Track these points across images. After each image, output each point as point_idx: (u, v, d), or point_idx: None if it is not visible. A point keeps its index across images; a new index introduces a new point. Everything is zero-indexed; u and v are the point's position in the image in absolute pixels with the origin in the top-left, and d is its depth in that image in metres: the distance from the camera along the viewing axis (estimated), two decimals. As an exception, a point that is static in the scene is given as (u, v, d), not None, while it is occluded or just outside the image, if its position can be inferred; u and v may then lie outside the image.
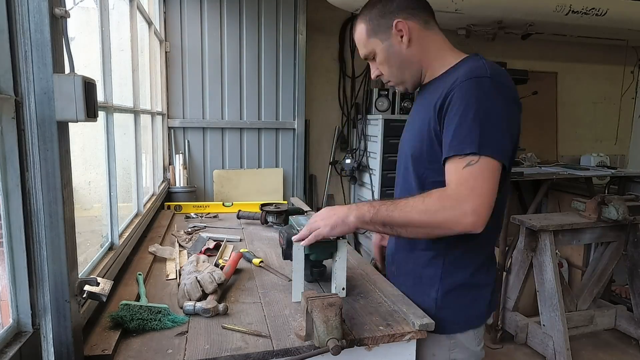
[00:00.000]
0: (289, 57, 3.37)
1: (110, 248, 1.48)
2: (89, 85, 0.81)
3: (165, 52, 3.10)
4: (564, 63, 4.39)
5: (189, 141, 3.25)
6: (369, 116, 3.63)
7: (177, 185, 3.11)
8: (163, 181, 3.05)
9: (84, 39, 1.63)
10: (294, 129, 3.44)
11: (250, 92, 3.32)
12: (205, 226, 2.04)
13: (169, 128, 3.18)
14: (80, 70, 0.85)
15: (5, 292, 0.85)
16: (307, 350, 0.96)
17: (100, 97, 1.50)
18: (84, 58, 1.56)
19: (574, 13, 3.19)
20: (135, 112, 2.09)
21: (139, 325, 1.03)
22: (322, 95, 3.74)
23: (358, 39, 1.22)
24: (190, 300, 1.15)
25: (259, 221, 2.07)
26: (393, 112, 3.53)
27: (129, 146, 2.08)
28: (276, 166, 3.45)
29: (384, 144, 3.42)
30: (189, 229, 1.97)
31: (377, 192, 3.50)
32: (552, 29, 3.57)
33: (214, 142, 3.30)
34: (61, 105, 0.78)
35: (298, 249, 1.17)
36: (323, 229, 1.13)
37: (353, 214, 1.10)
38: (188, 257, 1.56)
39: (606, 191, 3.81)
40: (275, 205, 2.10)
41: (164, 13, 3.07)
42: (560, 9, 3.15)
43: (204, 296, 1.17)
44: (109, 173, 1.57)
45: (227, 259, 1.46)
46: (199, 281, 1.19)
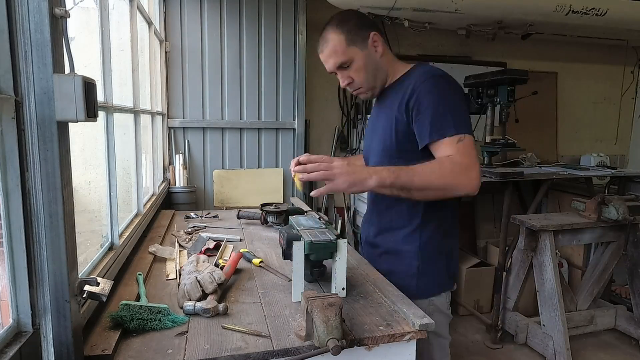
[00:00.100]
0: (289, 57, 3.37)
1: (110, 248, 1.48)
2: (89, 85, 0.81)
3: (165, 52, 3.10)
4: (564, 63, 4.39)
5: (189, 141, 3.25)
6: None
7: (177, 185, 3.12)
8: (163, 181, 3.05)
9: (84, 39, 1.63)
10: (294, 129, 3.44)
11: (250, 92, 3.32)
12: (205, 226, 2.04)
13: (169, 128, 3.18)
14: (80, 70, 0.85)
15: (5, 292, 0.85)
16: (307, 350, 0.96)
17: (100, 97, 1.51)
18: (84, 58, 1.56)
19: (574, 13, 3.19)
20: (135, 112, 2.09)
21: (139, 325, 1.03)
22: (322, 95, 3.74)
23: (334, 50, 1.32)
24: (190, 300, 1.15)
25: (259, 221, 2.07)
26: (393, 112, 3.53)
27: (129, 146, 2.08)
28: (276, 166, 3.45)
29: (384, 144, 3.41)
30: (189, 229, 1.97)
31: (377, 192, 3.49)
32: (552, 29, 3.56)
33: (214, 142, 3.30)
34: (61, 105, 0.78)
35: (298, 249, 1.18)
36: (342, 184, 1.15)
37: (374, 179, 1.16)
38: (188, 257, 1.56)
39: (606, 191, 3.80)
40: (275, 205, 2.10)
41: (164, 13, 3.07)
42: (560, 9, 3.15)
43: (204, 296, 1.16)
44: (109, 173, 1.57)
45: (227, 259, 1.46)
46: (199, 281, 1.18)
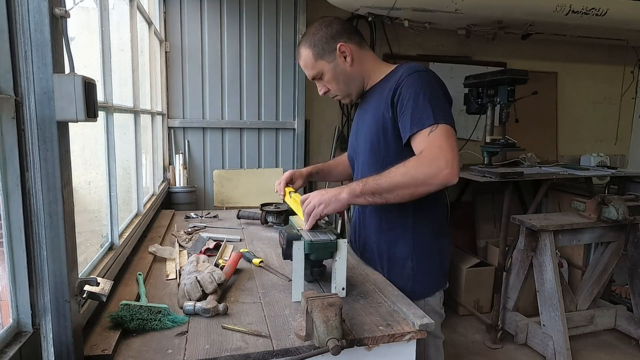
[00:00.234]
0: (289, 57, 3.36)
1: (110, 248, 1.48)
2: (89, 85, 0.81)
3: (165, 52, 3.10)
4: (564, 63, 4.39)
5: (189, 141, 3.25)
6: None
7: (177, 185, 3.12)
8: (163, 181, 3.05)
9: (84, 39, 1.63)
10: (294, 129, 3.44)
11: (250, 92, 3.32)
12: (205, 226, 2.04)
13: (169, 128, 3.18)
14: (80, 70, 0.85)
15: (5, 292, 0.85)
16: (307, 350, 0.96)
17: (100, 97, 1.51)
18: (84, 58, 1.56)
19: (574, 13, 3.19)
20: (135, 112, 2.09)
21: (139, 325, 1.03)
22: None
23: (305, 64, 1.41)
24: (190, 300, 1.15)
25: (259, 221, 2.07)
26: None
27: (129, 146, 2.08)
28: (276, 166, 3.45)
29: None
30: (189, 229, 1.97)
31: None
32: (552, 29, 3.56)
33: (214, 142, 3.30)
34: (61, 105, 0.78)
35: (298, 249, 1.17)
36: (317, 208, 1.24)
37: (345, 191, 1.23)
38: (188, 257, 1.56)
39: (606, 191, 3.80)
40: (275, 205, 2.10)
41: (164, 13, 3.07)
42: (560, 9, 3.15)
43: (204, 296, 1.16)
44: (109, 173, 1.57)
45: (227, 258, 1.46)
46: (199, 281, 1.18)
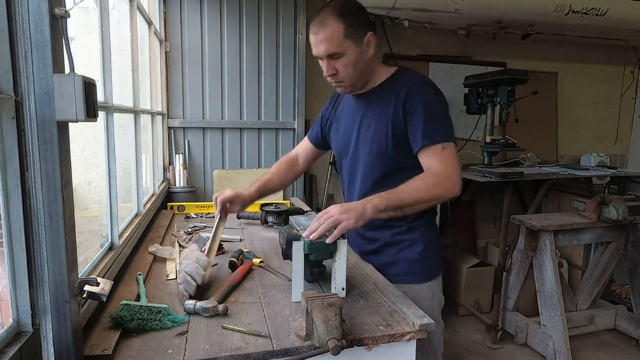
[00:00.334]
0: (289, 57, 3.36)
1: (110, 248, 1.48)
2: (89, 85, 0.81)
3: (165, 52, 3.10)
4: (564, 63, 4.39)
5: (189, 141, 3.25)
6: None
7: (177, 185, 3.11)
8: (163, 181, 3.05)
9: (84, 39, 1.63)
10: (294, 129, 3.44)
11: (250, 92, 3.32)
12: (205, 226, 2.04)
13: (169, 128, 3.18)
14: (80, 70, 0.85)
15: (5, 292, 0.85)
16: (307, 350, 0.96)
17: (100, 97, 1.50)
18: (84, 58, 1.56)
19: (574, 13, 3.19)
20: (135, 112, 2.09)
21: (139, 325, 1.03)
22: (322, 95, 3.73)
23: (329, 37, 1.29)
24: (190, 297, 1.17)
25: (259, 221, 2.07)
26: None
27: (129, 146, 2.08)
28: (276, 166, 3.45)
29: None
30: (189, 229, 1.97)
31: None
32: (552, 29, 3.57)
33: (214, 142, 3.30)
34: (61, 105, 0.78)
35: (298, 249, 1.17)
36: (348, 222, 1.22)
37: (369, 207, 1.25)
38: (188, 257, 1.57)
39: (606, 191, 3.80)
40: (275, 205, 2.10)
41: (164, 13, 3.07)
42: (560, 9, 3.15)
43: (201, 288, 1.20)
44: (109, 173, 1.57)
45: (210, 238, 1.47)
46: (189, 275, 1.21)
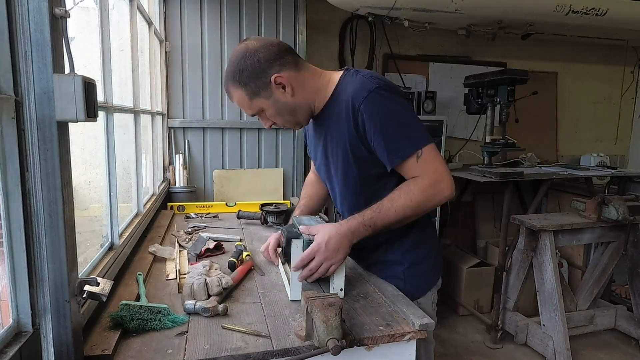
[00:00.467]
0: (289, 57, 3.36)
1: (110, 248, 1.48)
2: (89, 85, 0.81)
3: (165, 52, 3.10)
4: (564, 63, 4.39)
5: (189, 141, 3.25)
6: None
7: (177, 185, 3.11)
8: (163, 181, 3.05)
9: (84, 39, 1.63)
10: (294, 129, 3.43)
11: (250, 92, 3.31)
12: (205, 226, 2.04)
13: (169, 128, 3.18)
14: (80, 70, 0.85)
15: (5, 292, 0.85)
16: (307, 350, 0.96)
17: (100, 97, 1.50)
18: (84, 58, 1.56)
19: (574, 13, 3.19)
20: (135, 112, 2.09)
21: (139, 325, 1.03)
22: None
23: (240, 103, 1.25)
24: (193, 299, 1.16)
25: (259, 221, 2.07)
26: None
27: (129, 146, 2.08)
28: (276, 166, 3.45)
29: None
30: (189, 229, 1.97)
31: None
32: (552, 29, 3.56)
33: (214, 142, 3.30)
34: (61, 105, 0.78)
35: (297, 247, 1.18)
36: (339, 261, 1.18)
37: (355, 238, 1.19)
38: (188, 257, 1.56)
39: (606, 191, 3.80)
40: (275, 205, 2.10)
41: (164, 13, 3.06)
42: (560, 9, 3.15)
43: (208, 298, 1.17)
44: (109, 173, 1.57)
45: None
46: (207, 283, 1.20)
